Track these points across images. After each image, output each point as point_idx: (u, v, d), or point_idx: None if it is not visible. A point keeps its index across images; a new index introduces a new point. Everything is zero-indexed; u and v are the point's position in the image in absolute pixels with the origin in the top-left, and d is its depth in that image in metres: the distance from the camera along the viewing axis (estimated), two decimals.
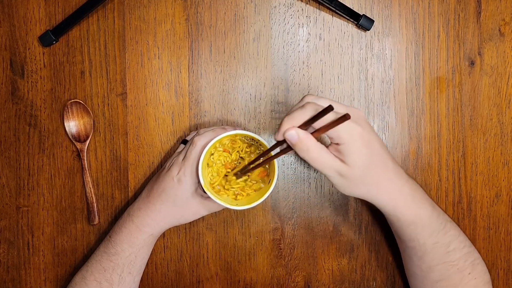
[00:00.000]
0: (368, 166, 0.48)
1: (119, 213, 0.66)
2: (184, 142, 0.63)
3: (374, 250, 0.67)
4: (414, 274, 0.59)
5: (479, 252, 0.58)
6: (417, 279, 0.59)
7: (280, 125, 0.47)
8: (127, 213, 0.61)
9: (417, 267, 0.58)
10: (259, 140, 0.56)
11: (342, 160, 0.47)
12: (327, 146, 0.48)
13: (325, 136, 0.64)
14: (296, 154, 0.47)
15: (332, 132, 0.45)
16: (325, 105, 0.43)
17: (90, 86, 0.66)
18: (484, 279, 0.57)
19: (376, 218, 0.66)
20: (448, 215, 0.58)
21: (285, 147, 0.49)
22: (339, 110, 0.47)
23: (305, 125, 0.46)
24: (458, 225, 0.58)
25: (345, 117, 0.41)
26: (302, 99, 0.51)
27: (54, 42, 0.65)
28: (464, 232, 0.66)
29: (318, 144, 0.46)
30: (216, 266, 0.67)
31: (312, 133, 0.46)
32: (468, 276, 0.55)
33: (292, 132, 0.45)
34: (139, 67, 0.66)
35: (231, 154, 0.59)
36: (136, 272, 0.61)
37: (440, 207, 0.57)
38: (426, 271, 0.57)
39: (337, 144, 0.47)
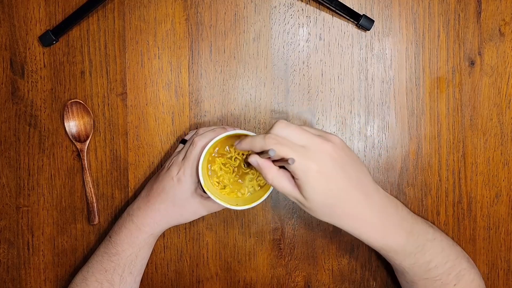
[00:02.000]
0: (326, 203, 0.48)
1: (119, 213, 0.66)
2: (183, 141, 0.63)
3: (374, 250, 0.66)
4: (402, 283, 0.61)
5: (479, 253, 0.58)
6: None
7: (241, 142, 0.50)
8: (127, 213, 0.61)
9: (402, 279, 0.59)
10: None
11: (300, 192, 0.48)
12: None
13: None
14: None
15: (288, 167, 0.47)
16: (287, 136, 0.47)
17: (90, 86, 0.66)
18: (473, 287, 0.57)
19: None
20: (435, 227, 0.57)
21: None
22: (312, 132, 0.49)
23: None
24: (458, 226, 0.58)
25: (286, 161, 0.45)
26: (273, 124, 0.49)
27: (54, 42, 0.65)
28: (464, 232, 0.66)
29: (278, 171, 0.48)
30: (216, 266, 0.67)
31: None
32: (453, 287, 0.56)
33: (252, 159, 0.49)
34: (139, 67, 0.66)
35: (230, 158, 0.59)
36: (137, 272, 0.61)
37: (425, 220, 0.57)
38: (411, 284, 0.57)
39: (295, 178, 0.48)
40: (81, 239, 0.66)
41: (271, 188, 0.55)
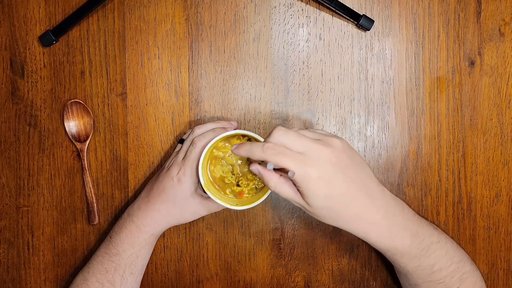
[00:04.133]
0: (329, 207, 0.48)
1: (119, 213, 0.66)
2: (181, 141, 0.63)
3: (374, 250, 0.67)
4: (404, 285, 0.61)
5: (479, 253, 0.58)
6: None
7: (239, 147, 0.50)
8: (127, 213, 0.61)
9: (405, 281, 0.59)
10: (259, 140, 0.56)
11: (303, 198, 0.48)
12: None
13: None
14: None
15: (289, 175, 0.47)
16: (291, 144, 0.47)
17: (90, 86, 0.66)
18: None
19: None
20: (439, 229, 0.57)
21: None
22: (311, 137, 0.49)
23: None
24: (458, 226, 0.58)
25: (287, 173, 0.46)
26: (271, 131, 0.49)
27: (54, 42, 0.65)
28: (464, 232, 0.66)
29: (280, 179, 0.49)
30: (216, 266, 0.67)
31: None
32: None
33: (253, 167, 0.49)
34: (139, 67, 0.66)
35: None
36: (137, 272, 0.61)
37: (430, 222, 0.57)
38: (414, 286, 0.57)
39: (297, 186, 0.48)
40: (81, 239, 0.66)
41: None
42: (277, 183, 0.48)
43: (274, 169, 0.49)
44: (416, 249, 0.53)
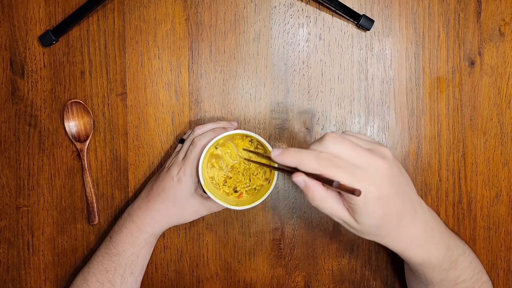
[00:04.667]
0: (378, 226, 0.45)
1: (119, 213, 0.66)
2: (181, 141, 0.63)
3: (374, 250, 0.67)
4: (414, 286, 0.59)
5: (479, 253, 0.58)
6: None
7: (284, 154, 0.43)
8: (127, 213, 0.61)
9: (419, 285, 0.57)
10: (259, 140, 0.56)
11: (351, 214, 0.44)
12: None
13: None
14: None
15: (343, 193, 0.43)
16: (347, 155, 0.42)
17: (90, 86, 0.66)
18: None
19: None
20: (463, 240, 0.56)
21: (286, 170, 0.46)
22: (363, 146, 0.44)
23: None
24: (458, 226, 0.58)
25: (353, 193, 0.38)
26: (323, 137, 0.44)
27: (54, 42, 0.65)
28: (464, 232, 0.66)
29: (326, 193, 0.43)
30: (216, 266, 0.67)
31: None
32: None
33: (299, 179, 0.43)
34: (139, 67, 0.66)
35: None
36: (138, 272, 0.61)
37: (456, 234, 0.56)
38: None
39: (349, 201, 0.43)
40: (81, 239, 0.66)
41: (271, 188, 0.55)
42: (323, 197, 0.43)
43: (306, 174, 0.43)
44: (447, 262, 0.51)
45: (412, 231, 0.47)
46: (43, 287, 0.66)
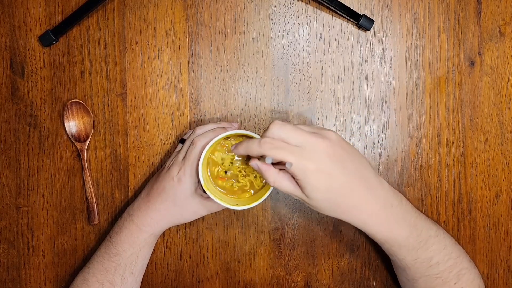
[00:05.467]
0: (329, 199, 0.49)
1: (119, 213, 0.66)
2: (182, 141, 0.63)
3: (374, 250, 0.67)
4: (402, 281, 0.61)
5: (479, 253, 0.58)
6: (406, 286, 0.60)
7: (237, 146, 0.52)
8: (127, 213, 0.61)
9: (403, 276, 0.59)
10: None
11: (302, 191, 0.49)
12: None
13: None
14: None
15: (287, 169, 0.48)
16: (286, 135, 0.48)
17: (90, 86, 0.66)
18: (473, 287, 0.57)
19: None
20: (438, 225, 0.57)
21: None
22: (307, 130, 0.49)
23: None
24: (458, 226, 0.58)
25: (284, 165, 0.47)
26: (269, 125, 0.50)
27: (54, 42, 0.65)
28: (464, 232, 0.66)
29: (279, 173, 0.49)
30: (216, 266, 0.67)
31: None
32: (454, 286, 0.56)
33: (252, 163, 0.50)
34: (139, 67, 0.66)
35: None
36: (138, 272, 0.61)
37: (428, 217, 0.57)
38: (411, 281, 0.57)
39: (296, 179, 0.48)
40: (81, 239, 0.66)
41: (271, 188, 0.55)
42: (276, 177, 0.49)
43: (273, 164, 0.49)
44: (414, 241, 0.53)
45: (369, 206, 0.51)
46: (43, 287, 0.67)
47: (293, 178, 0.49)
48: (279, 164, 0.50)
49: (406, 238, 0.53)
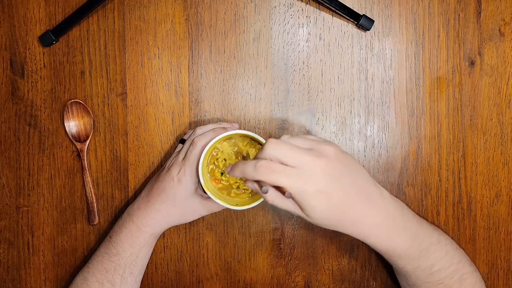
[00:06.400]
0: (329, 217, 0.48)
1: (119, 213, 0.66)
2: (182, 141, 0.63)
3: (374, 250, 0.67)
4: (403, 285, 0.61)
5: (479, 253, 0.58)
6: None
7: (233, 169, 0.50)
8: (127, 213, 0.61)
9: (404, 281, 0.59)
10: (259, 140, 0.56)
11: (302, 210, 0.48)
12: None
13: None
14: None
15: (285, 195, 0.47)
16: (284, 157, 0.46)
17: (90, 86, 0.66)
18: None
19: None
20: (439, 230, 0.57)
21: None
22: (304, 146, 0.48)
23: None
24: (458, 226, 0.58)
25: (284, 195, 0.46)
26: (264, 144, 0.48)
27: (54, 42, 0.65)
28: (464, 232, 0.66)
29: (277, 192, 0.48)
30: (216, 266, 0.67)
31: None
32: None
33: (249, 185, 0.49)
34: (139, 67, 0.66)
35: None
36: (137, 272, 0.61)
37: (429, 223, 0.57)
38: (413, 287, 0.57)
39: (295, 199, 0.47)
40: (81, 239, 0.66)
41: None
42: (275, 197, 0.48)
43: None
44: (415, 250, 0.53)
45: (370, 220, 0.50)
46: (43, 287, 0.67)
47: (293, 198, 0.48)
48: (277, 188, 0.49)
49: (407, 248, 0.52)
